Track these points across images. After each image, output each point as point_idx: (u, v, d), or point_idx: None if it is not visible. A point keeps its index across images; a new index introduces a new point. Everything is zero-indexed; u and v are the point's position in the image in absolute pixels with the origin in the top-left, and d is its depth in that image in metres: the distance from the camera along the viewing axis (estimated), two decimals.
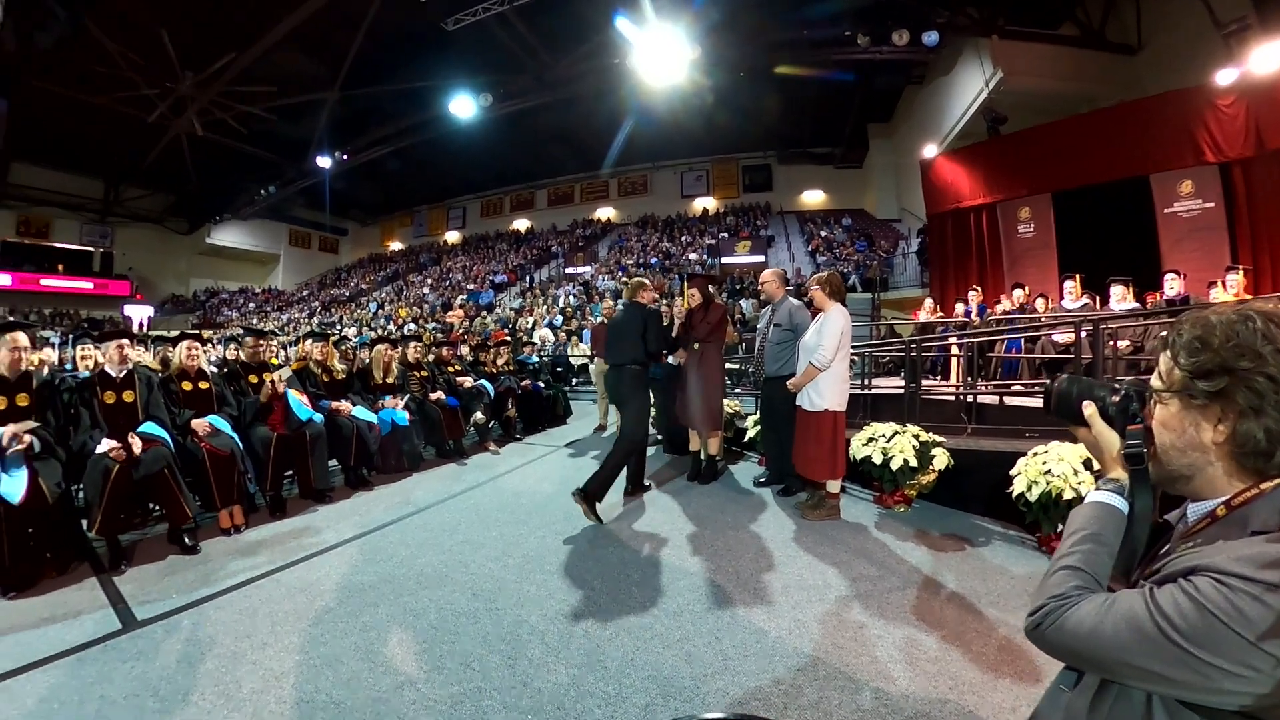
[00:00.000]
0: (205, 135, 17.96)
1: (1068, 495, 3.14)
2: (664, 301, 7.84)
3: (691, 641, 2.43)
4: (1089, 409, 0.99)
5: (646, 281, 4.80)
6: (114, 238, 26.91)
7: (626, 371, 4.38)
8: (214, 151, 19.95)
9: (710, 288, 5.12)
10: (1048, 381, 1.10)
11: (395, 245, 32.84)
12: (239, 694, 2.15)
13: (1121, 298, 6.28)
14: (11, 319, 3.68)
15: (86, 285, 25.94)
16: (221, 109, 17.04)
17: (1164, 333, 0.92)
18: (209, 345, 8.20)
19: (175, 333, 5.52)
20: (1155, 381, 0.90)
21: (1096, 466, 1.03)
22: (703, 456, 4.99)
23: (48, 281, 24.91)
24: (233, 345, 6.36)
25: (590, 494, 3.87)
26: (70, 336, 7.29)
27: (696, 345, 4.77)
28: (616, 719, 1.97)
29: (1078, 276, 6.95)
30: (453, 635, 2.53)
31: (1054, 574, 0.87)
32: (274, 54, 14.83)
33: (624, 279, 18.06)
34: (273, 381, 4.43)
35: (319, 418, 4.65)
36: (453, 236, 31.04)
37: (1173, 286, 6.10)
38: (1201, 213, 8.24)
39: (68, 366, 6.42)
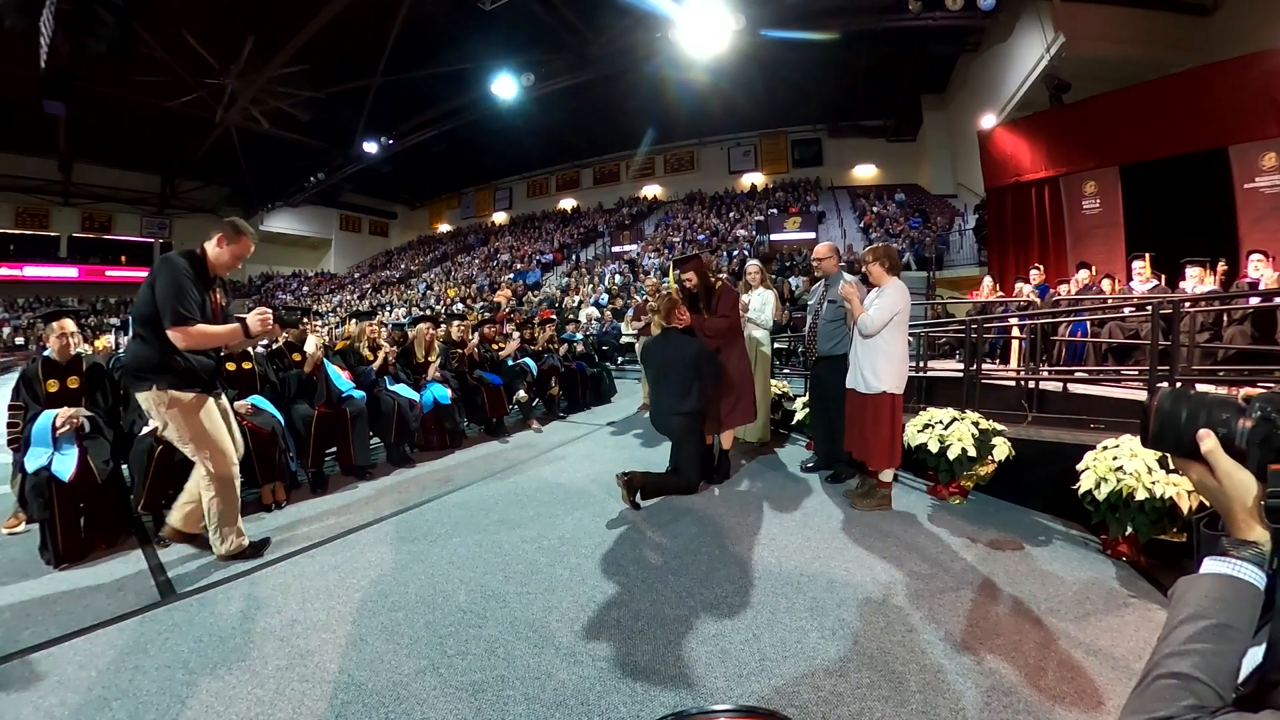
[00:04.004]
0: (254, 127, 18.48)
1: (1140, 495, 2.85)
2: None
3: (727, 638, 2.30)
4: (1208, 442, 0.72)
5: (676, 296, 4.16)
6: (172, 228, 28.33)
7: (678, 420, 3.97)
8: (263, 142, 20.52)
9: (711, 273, 4.44)
10: (1120, 397, 0.77)
11: (444, 227, 33.40)
12: (264, 670, 2.15)
13: (1199, 280, 5.75)
14: (58, 307, 3.87)
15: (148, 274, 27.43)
16: (268, 100, 17.45)
17: None
18: None
19: None
20: None
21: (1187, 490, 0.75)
22: (715, 451, 4.46)
23: (112, 272, 26.62)
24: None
25: (634, 484, 3.75)
26: (127, 321, 7.62)
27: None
28: (643, 718, 1.86)
29: (1147, 256, 6.42)
30: (480, 619, 2.47)
31: (1157, 681, 0.63)
32: (316, 43, 15.04)
33: (669, 256, 17.88)
34: (314, 354, 4.49)
35: (360, 394, 4.70)
36: (500, 217, 31.32)
37: (1259, 270, 5.42)
38: None
39: (122, 349, 6.70)
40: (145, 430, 3.42)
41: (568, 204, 29.28)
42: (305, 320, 5.34)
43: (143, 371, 2.84)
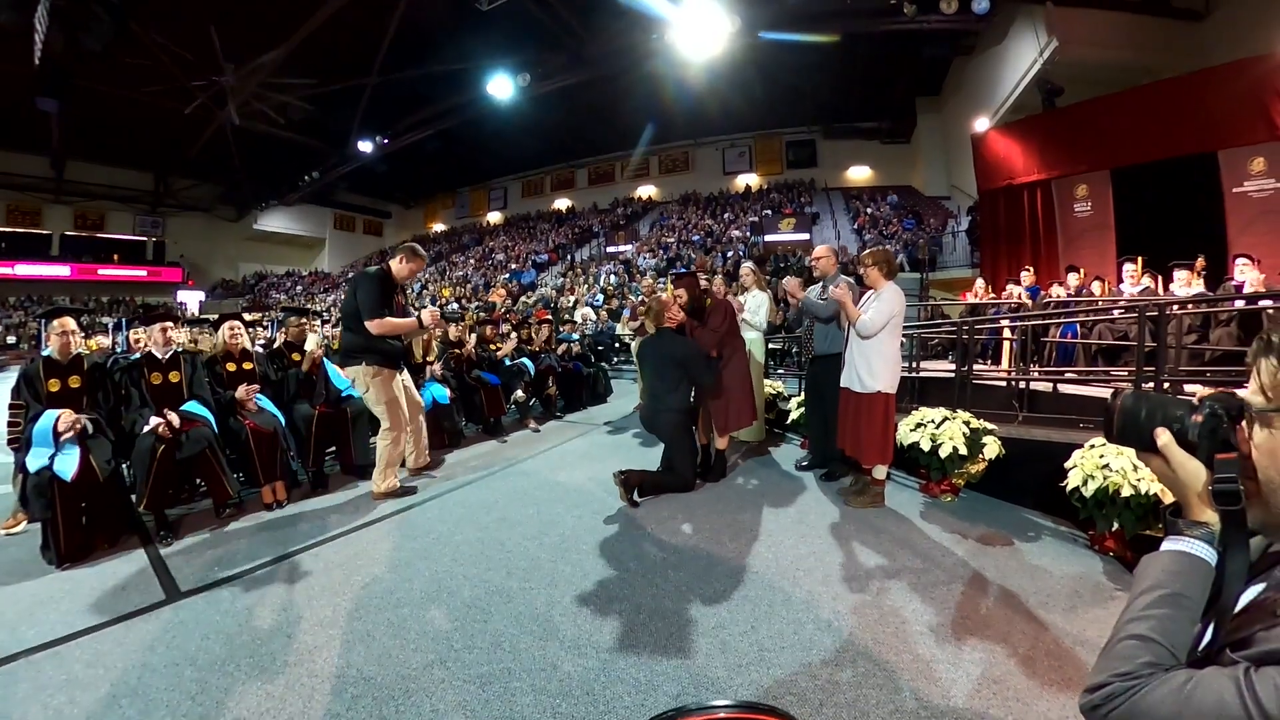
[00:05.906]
0: (249, 125, 18.37)
1: (1126, 492, 2.92)
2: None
3: (726, 630, 2.36)
4: (1163, 437, 0.81)
5: (666, 298, 4.26)
6: (165, 227, 28.24)
7: (666, 417, 4.06)
8: (258, 141, 20.39)
9: (705, 281, 4.59)
10: (1107, 397, 0.85)
11: (438, 226, 33.30)
12: (272, 666, 2.18)
13: (1186, 283, 5.85)
14: (58, 304, 4.15)
15: (141, 273, 27.45)
16: (263, 99, 17.34)
17: (1264, 332, 0.73)
18: (258, 327, 8.43)
19: (215, 316, 5.70)
20: (1254, 397, 0.73)
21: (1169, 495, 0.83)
22: (712, 450, 4.52)
23: (105, 271, 26.51)
24: (281, 328, 6.52)
25: (631, 482, 3.82)
26: (122, 321, 7.61)
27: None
28: (647, 707, 1.92)
29: (1139, 259, 6.53)
30: (485, 614, 2.52)
31: (1119, 642, 0.72)
32: (313, 41, 14.98)
33: (664, 257, 17.93)
34: (312, 352, 4.52)
35: (358, 394, 4.72)
36: (494, 217, 31.26)
37: (1244, 273, 5.50)
38: (1274, 193, 7.60)
39: (119, 349, 6.68)
40: (148, 428, 3.45)
41: (563, 204, 29.26)
42: (304, 320, 5.37)
43: (354, 352, 3.97)
